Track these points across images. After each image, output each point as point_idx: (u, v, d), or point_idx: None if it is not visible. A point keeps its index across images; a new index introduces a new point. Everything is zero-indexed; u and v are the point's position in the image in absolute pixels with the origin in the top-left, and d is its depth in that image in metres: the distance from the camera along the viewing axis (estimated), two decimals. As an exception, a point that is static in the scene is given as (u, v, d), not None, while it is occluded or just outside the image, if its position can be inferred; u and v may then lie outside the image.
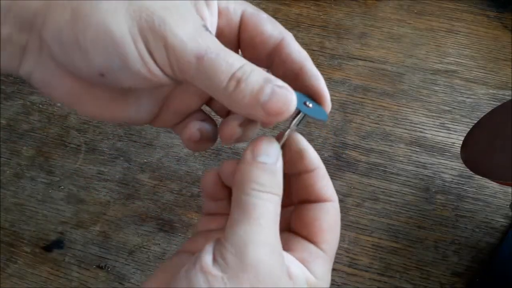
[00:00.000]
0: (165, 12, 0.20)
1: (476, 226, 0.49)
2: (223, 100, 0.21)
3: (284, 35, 0.23)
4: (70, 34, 0.20)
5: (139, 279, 0.47)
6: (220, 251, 0.20)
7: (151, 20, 0.20)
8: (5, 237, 0.51)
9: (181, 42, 0.20)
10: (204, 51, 0.20)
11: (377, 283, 0.47)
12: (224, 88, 0.20)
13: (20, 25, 0.20)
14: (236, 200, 0.21)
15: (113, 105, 0.24)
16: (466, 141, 0.45)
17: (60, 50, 0.20)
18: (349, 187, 0.52)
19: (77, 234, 0.50)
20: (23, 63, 0.22)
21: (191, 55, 0.20)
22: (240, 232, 0.20)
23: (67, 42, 0.20)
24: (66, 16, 0.20)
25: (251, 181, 0.21)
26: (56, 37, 0.20)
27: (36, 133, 0.58)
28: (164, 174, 0.54)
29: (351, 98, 0.59)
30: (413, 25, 0.66)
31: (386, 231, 0.49)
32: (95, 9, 0.19)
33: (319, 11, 0.69)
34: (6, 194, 0.54)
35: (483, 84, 0.60)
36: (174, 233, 0.50)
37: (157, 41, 0.20)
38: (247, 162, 0.22)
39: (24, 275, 0.48)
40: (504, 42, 0.64)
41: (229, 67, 0.20)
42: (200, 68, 0.20)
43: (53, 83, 0.22)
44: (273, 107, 0.20)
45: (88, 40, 0.20)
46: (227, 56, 0.20)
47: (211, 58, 0.20)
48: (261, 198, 0.21)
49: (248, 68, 0.20)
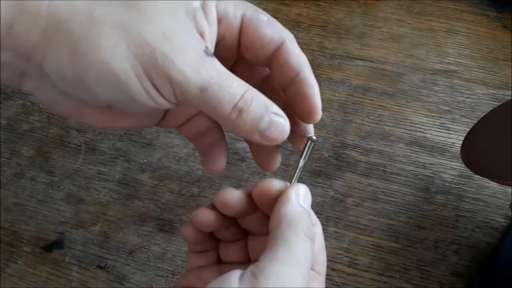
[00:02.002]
0: (166, 45, 0.20)
1: (476, 226, 0.49)
2: (226, 125, 0.22)
3: (284, 38, 0.24)
4: (72, 73, 0.19)
5: (139, 279, 0.47)
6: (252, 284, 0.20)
7: (153, 58, 0.19)
8: (5, 237, 0.51)
9: (185, 77, 0.20)
10: (208, 83, 0.20)
11: (377, 283, 0.47)
12: (227, 116, 0.21)
13: (19, 55, 0.20)
14: (283, 239, 0.22)
15: (117, 116, 0.24)
16: (466, 141, 0.45)
17: (65, 86, 0.20)
18: (349, 187, 0.52)
19: (77, 234, 0.50)
20: (24, 84, 0.21)
21: (195, 88, 0.20)
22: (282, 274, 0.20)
23: (71, 80, 0.20)
24: (66, 53, 0.19)
25: (301, 224, 0.22)
26: (58, 73, 0.20)
27: (36, 133, 0.58)
28: (164, 174, 0.54)
29: (351, 98, 0.59)
30: (413, 25, 0.66)
31: (386, 231, 0.49)
32: (94, 48, 0.19)
33: (319, 11, 0.69)
34: (6, 194, 0.54)
35: (483, 84, 0.60)
36: (174, 233, 0.50)
37: (162, 79, 0.20)
38: (295, 205, 0.23)
39: (24, 275, 0.48)
40: (504, 42, 0.64)
41: (231, 98, 0.21)
42: (204, 99, 0.20)
43: (56, 103, 0.22)
44: (271, 135, 0.22)
45: (92, 79, 0.19)
46: (230, 84, 0.21)
47: (214, 90, 0.20)
48: (308, 243, 0.22)
49: (249, 96, 0.21)
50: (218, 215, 0.26)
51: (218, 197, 0.25)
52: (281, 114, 0.22)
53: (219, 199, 0.25)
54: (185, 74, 0.20)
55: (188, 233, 0.27)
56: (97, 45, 0.19)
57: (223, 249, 0.28)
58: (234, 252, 0.28)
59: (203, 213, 0.26)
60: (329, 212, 0.50)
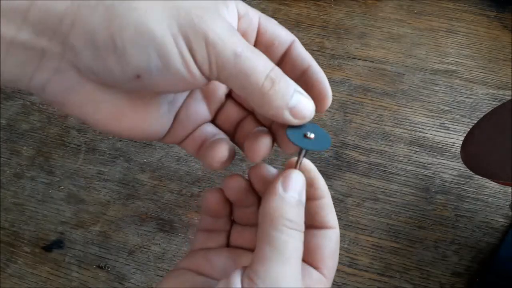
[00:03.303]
0: (200, 10, 0.20)
1: (476, 226, 0.49)
2: (256, 99, 0.21)
3: (294, 38, 0.26)
4: (106, 35, 0.19)
5: (139, 279, 0.47)
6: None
7: (190, 18, 0.19)
8: (5, 237, 0.51)
9: (221, 38, 0.20)
10: (241, 48, 0.20)
11: (377, 283, 0.47)
12: (260, 87, 0.21)
13: (40, 31, 0.19)
14: (266, 235, 0.22)
15: (133, 114, 0.23)
16: (466, 141, 0.45)
17: (93, 54, 0.19)
18: (349, 187, 0.52)
19: (77, 234, 0.50)
20: (37, 73, 0.20)
21: (230, 52, 0.20)
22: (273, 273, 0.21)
23: (102, 45, 0.19)
24: (99, 17, 0.19)
25: (282, 217, 0.22)
26: (89, 41, 0.19)
27: (36, 133, 0.58)
28: (164, 174, 0.54)
29: (351, 98, 0.59)
30: (413, 25, 0.66)
31: (386, 231, 0.49)
32: (131, 8, 0.19)
33: (319, 11, 0.69)
34: (6, 194, 0.54)
35: (483, 84, 0.60)
36: (174, 233, 0.50)
37: (198, 38, 0.20)
38: (277, 196, 0.22)
39: (24, 275, 0.48)
40: (504, 42, 0.64)
41: (264, 67, 0.21)
42: (238, 66, 0.20)
43: (70, 93, 0.21)
44: (300, 112, 0.22)
45: (126, 40, 0.19)
46: (261, 55, 0.21)
47: (248, 56, 0.20)
48: (291, 235, 0.22)
49: (278, 70, 0.22)
50: (248, 187, 0.26)
51: (255, 170, 0.25)
52: (305, 93, 0.23)
53: (256, 172, 0.25)
54: (221, 36, 0.20)
55: (212, 199, 0.26)
56: (133, 6, 0.19)
57: (236, 232, 0.28)
58: (247, 237, 0.28)
59: (236, 179, 0.26)
60: (329, 212, 0.50)
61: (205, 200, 0.27)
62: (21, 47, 0.19)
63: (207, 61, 0.20)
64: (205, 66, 0.20)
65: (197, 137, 0.26)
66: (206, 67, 0.20)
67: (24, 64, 0.19)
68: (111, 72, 0.20)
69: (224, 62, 0.20)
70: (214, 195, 0.26)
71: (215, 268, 0.26)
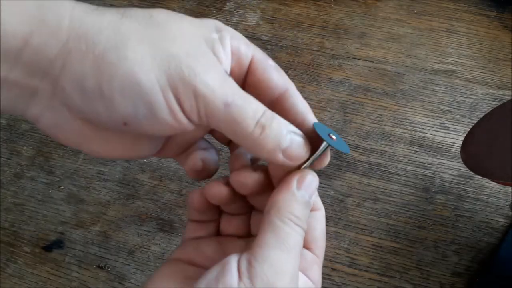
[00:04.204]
0: (192, 60, 0.20)
1: (476, 226, 0.49)
2: (247, 144, 0.22)
3: (288, 86, 0.25)
4: (94, 83, 0.19)
5: (139, 279, 0.47)
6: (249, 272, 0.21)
7: (180, 70, 0.20)
8: (5, 237, 0.51)
9: (211, 90, 0.20)
10: (232, 97, 0.21)
11: (377, 283, 0.47)
12: (251, 133, 0.21)
13: (32, 71, 0.19)
14: (271, 224, 0.22)
15: (123, 145, 0.24)
16: (466, 141, 0.45)
17: (81, 98, 0.20)
18: (349, 187, 0.52)
19: (77, 234, 0.50)
20: (31, 107, 0.21)
21: (220, 102, 0.20)
22: (272, 259, 0.21)
23: (90, 91, 0.19)
24: (89, 64, 0.19)
25: (289, 212, 0.22)
26: (78, 86, 0.19)
27: (36, 133, 0.58)
28: (164, 174, 0.54)
29: (351, 98, 0.59)
30: (413, 25, 0.66)
31: (386, 231, 0.49)
32: (122, 58, 0.19)
33: (319, 11, 0.69)
34: (6, 194, 0.54)
35: (483, 84, 0.60)
36: (174, 233, 0.50)
37: (187, 90, 0.20)
38: (290, 191, 0.23)
39: (24, 275, 0.48)
40: (504, 42, 0.64)
41: (254, 113, 0.21)
42: (228, 114, 0.21)
43: (62, 128, 0.22)
44: (293, 153, 0.22)
45: (114, 89, 0.19)
46: (251, 102, 0.21)
47: (238, 105, 0.21)
48: (295, 229, 0.22)
49: (269, 114, 0.22)
50: (230, 191, 0.26)
51: (236, 177, 0.25)
52: (299, 132, 0.23)
53: (237, 179, 0.25)
54: (211, 88, 0.20)
55: (195, 200, 0.27)
56: (123, 56, 0.19)
57: (224, 221, 0.28)
58: (236, 225, 0.28)
59: (216, 187, 0.26)
60: (329, 212, 0.50)
61: (189, 201, 0.27)
62: (14, 84, 0.19)
63: (196, 110, 0.21)
64: (194, 115, 0.21)
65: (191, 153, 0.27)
66: (195, 115, 0.21)
67: (18, 98, 0.20)
68: (99, 116, 0.20)
69: (213, 111, 0.20)
70: (197, 197, 0.27)
71: (205, 258, 0.26)
